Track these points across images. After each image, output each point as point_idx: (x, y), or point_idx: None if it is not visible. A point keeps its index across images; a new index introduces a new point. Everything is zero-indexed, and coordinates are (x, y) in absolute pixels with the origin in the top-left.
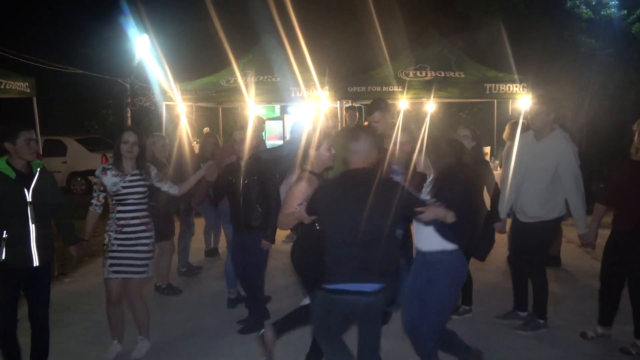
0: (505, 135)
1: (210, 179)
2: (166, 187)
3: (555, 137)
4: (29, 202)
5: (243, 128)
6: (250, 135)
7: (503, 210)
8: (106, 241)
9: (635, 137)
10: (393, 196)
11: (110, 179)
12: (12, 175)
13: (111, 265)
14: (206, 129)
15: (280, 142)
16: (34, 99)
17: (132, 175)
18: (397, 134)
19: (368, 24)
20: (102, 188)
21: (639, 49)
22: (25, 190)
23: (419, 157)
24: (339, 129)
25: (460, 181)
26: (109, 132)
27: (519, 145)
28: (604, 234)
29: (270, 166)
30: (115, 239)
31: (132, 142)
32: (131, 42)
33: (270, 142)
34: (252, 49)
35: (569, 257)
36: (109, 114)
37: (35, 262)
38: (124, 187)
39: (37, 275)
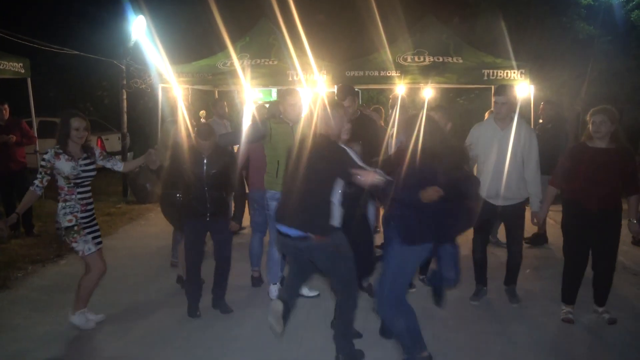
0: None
1: (152, 167)
2: (109, 164)
3: (518, 125)
4: None
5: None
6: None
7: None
8: (73, 223)
9: (590, 126)
10: (333, 158)
11: (65, 164)
12: None
13: (94, 237)
14: (202, 112)
15: None
16: (29, 80)
17: (84, 158)
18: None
19: (366, 8)
20: (49, 172)
21: (637, 36)
22: None
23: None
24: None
25: (432, 158)
26: (104, 114)
27: (482, 134)
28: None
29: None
30: (82, 217)
31: (83, 128)
32: (127, 24)
33: None
34: (249, 32)
35: (555, 236)
36: (104, 95)
37: None
38: (83, 171)
39: None
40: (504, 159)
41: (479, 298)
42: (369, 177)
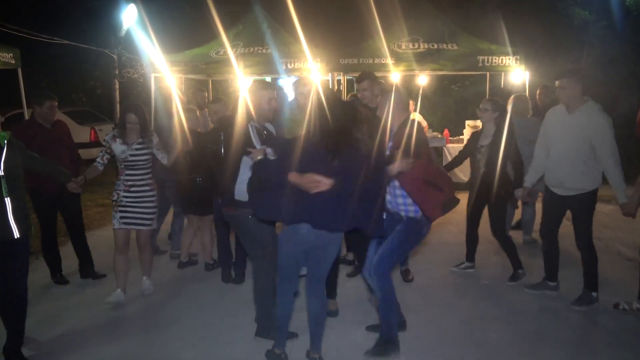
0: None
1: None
2: (160, 155)
3: (587, 109)
4: (1, 175)
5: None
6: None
7: (529, 180)
8: (115, 198)
9: None
10: (235, 137)
11: (118, 147)
12: None
13: (121, 217)
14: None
15: None
16: (19, 70)
17: (137, 144)
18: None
19: None
20: (109, 151)
21: (633, 22)
22: None
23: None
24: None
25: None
26: (96, 104)
27: (548, 119)
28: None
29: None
30: (124, 196)
31: (133, 121)
32: (118, 12)
33: None
34: (242, 19)
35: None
36: (96, 85)
37: (16, 234)
38: (131, 155)
39: (17, 247)
40: (568, 145)
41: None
42: (256, 155)
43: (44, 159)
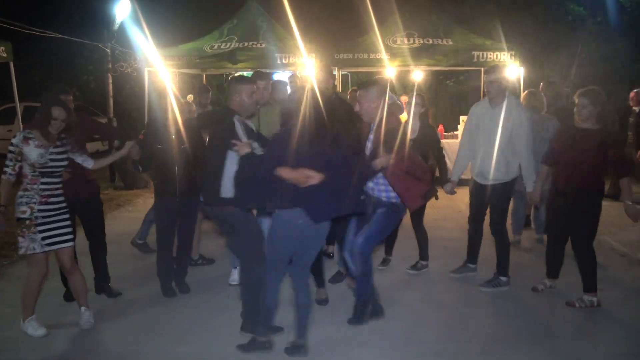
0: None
1: (135, 157)
2: (80, 159)
3: (509, 104)
4: None
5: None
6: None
7: (456, 173)
8: (27, 215)
9: (577, 108)
10: (220, 130)
11: (33, 150)
12: None
13: (44, 238)
14: (190, 96)
15: None
16: (11, 64)
17: (56, 147)
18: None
19: None
20: (19, 158)
21: (627, 18)
22: None
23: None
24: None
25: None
26: (90, 98)
27: (476, 113)
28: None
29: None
30: (40, 210)
31: (60, 118)
32: (111, 6)
33: None
34: (237, 14)
35: None
36: (90, 80)
37: None
38: (51, 160)
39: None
40: (490, 138)
41: (460, 272)
42: (242, 149)
43: None
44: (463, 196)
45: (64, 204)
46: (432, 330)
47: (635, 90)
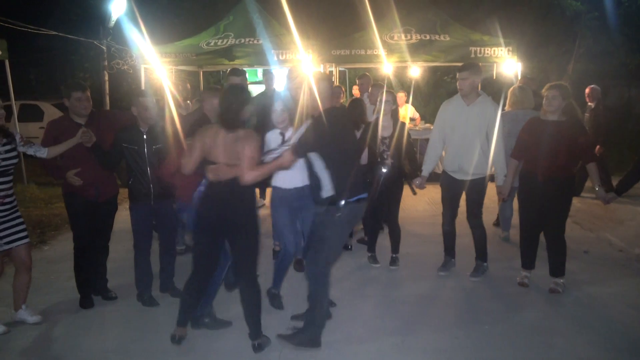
0: (513, 102)
1: (88, 144)
2: (32, 150)
3: (483, 101)
4: None
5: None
6: None
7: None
8: None
9: (544, 101)
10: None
11: None
12: None
13: (2, 237)
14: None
15: None
16: (6, 62)
17: (4, 145)
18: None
19: None
20: None
21: (624, 13)
22: None
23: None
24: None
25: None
26: None
27: (449, 110)
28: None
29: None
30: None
31: (2, 116)
32: (107, 3)
33: None
34: (233, 10)
35: None
36: (86, 77)
37: None
38: (3, 160)
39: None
40: (468, 135)
41: (447, 269)
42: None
43: None
44: None
45: (15, 202)
46: (428, 327)
47: (590, 87)
